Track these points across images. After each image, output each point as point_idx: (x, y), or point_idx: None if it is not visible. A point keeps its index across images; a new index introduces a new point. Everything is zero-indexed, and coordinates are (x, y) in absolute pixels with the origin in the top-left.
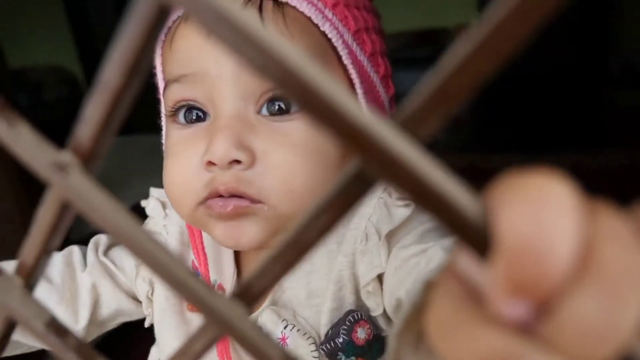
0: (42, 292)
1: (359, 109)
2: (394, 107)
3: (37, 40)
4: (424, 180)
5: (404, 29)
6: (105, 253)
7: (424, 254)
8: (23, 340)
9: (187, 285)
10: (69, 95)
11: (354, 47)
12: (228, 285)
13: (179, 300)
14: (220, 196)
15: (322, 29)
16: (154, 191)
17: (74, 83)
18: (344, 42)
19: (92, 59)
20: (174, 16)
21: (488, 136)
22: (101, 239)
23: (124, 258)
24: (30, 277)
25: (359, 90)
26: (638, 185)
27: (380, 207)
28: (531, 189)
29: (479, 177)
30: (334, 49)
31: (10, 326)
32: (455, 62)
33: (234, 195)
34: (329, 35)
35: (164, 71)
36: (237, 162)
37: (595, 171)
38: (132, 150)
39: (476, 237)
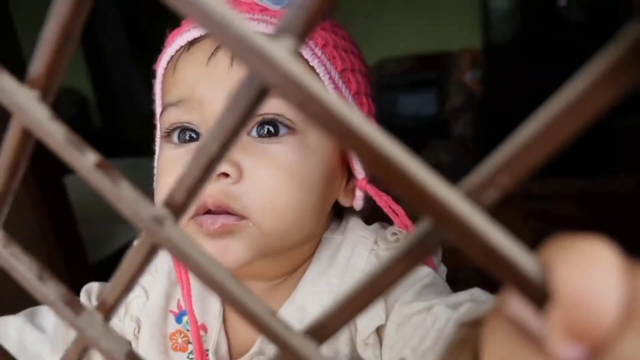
0: (34, 341)
1: (430, 176)
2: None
3: None
4: (489, 242)
5: (409, 52)
6: (99, 297)
7: (429, 311)
8: None
9: (268, 325)
10: (80, 115)
11: (340, 84)
12: (213, 325)
13: (163, 339)
14: (209, 212)
15: (311, 64)
16: None
17: (85, 104)
18: (330, 78)
19: (102, 82)
20: (176, 46)
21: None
22: (93, 287)
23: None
24: (109, 313)
25: None
26: None
27: (372, 260)
28: (583, 252)
29: None
30: (322, 84)
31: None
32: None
33: (221, 213)
34: (317, 71)
35: (162, 97)
36: (226, 175)
37: (605, 197)
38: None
39: (534, 291)
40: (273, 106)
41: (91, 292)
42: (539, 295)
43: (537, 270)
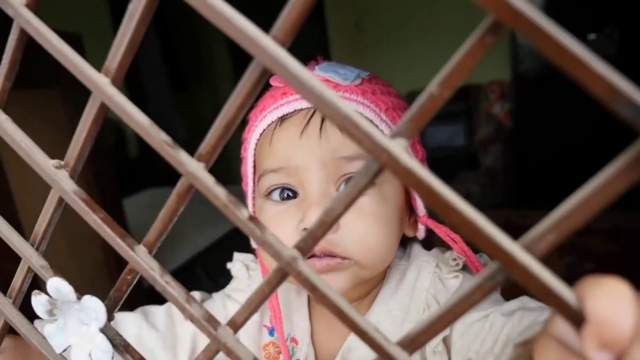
0: (150, 338)
1: (498, 232)
2: (425, 165)
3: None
4: (542, 281)
5: None
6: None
7: (486, 319)
8: None
9: (374, 337)
10: (118, 144)
11: (411, 154)
12: (304, 338)
13: (257, 349)
14: (313, 256)
15: (380, 128)
16: (237, 255)
17: (123, 134)
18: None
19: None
20: (268, 121)
21: (525, 192)
22: (195, 295)
23: (215, 311)
24: (238, 329)
25: None
26: None
27: (435, 280)
28: (607, 287)
29: (515, 233)
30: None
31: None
32: (567, 208)
33: (325, 255)
34: (380, 128)
35: (258, 163)
36: None
37: (633, 232)
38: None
39: (573, 316)
40: (358, 167)
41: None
42: (576, 318)
43: (575, 300)
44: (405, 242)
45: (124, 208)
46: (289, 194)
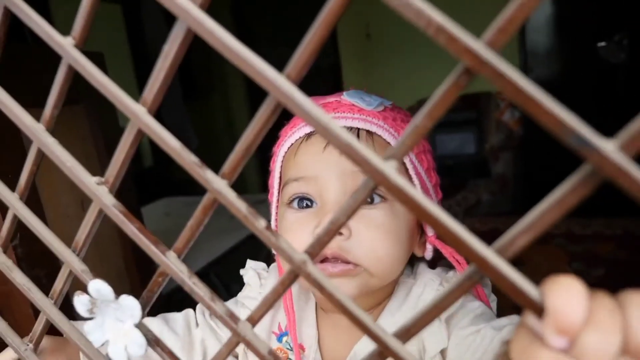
0: (170, 340)
1: (474, 239)
2: (438, 191)
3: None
4: (511, 280)
5: None
6: (211, 315)
7: (478, 333)
8: None
9: (375, 331)
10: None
11: (417, 163)
12: (311, 345)
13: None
14: (326, 260)
15: None
16: (250, 263)
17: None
18: (410, 160)
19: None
20: (296, 137)
21: (535, 200)
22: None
23: None
24: (255, 324)
25: (415, 178)
26: None
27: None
28: (563, 285)
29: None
30: (404, 163)
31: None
32: (532, 217)
33: (338, 261)
34: None
35: (284, 173)
36: (340, 234)
37: None
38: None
39: (537, 308)
40: None
41: (204, 308)
42: (539, 310)
43: (538, 296)
44: (412, 262)
45: (142, 217)
46: (307, 203)
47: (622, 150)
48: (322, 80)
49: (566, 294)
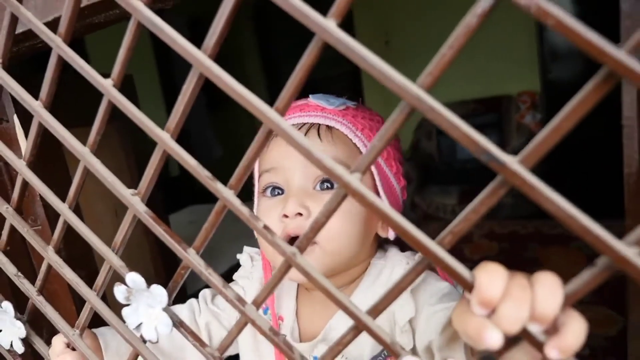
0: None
1: (421, 233)
2: (404, 193)
3: None
4: (450, 266)
5: (469, 96)
6: (212, 301)
7: (448, 310)
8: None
9: (349, 307)
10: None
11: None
12: (289, 316)
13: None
14: (291, 241)
15: (353, 141)
16: (246, 248)
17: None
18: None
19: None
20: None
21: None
22: (206, 292)
23: (224, 303)
24: (259, 307)
25: (378, 182)
26: None
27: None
28: (488, 269)
29: (544, 243)
30: (361, 153)
31: (244, 327)
32: (461, 216)
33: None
34: (358, 145)
35: (259, 163)
36: (300, 214)
37: None
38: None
39: (469, 285)
40: None
41: (206, 296)
42: (470, 287)
43: (470, 276)
44: (384, 246)
45: (170, 224)
46: (278, 191)
47: (522, 163)
48: (342, 85)
49: (489, 274)
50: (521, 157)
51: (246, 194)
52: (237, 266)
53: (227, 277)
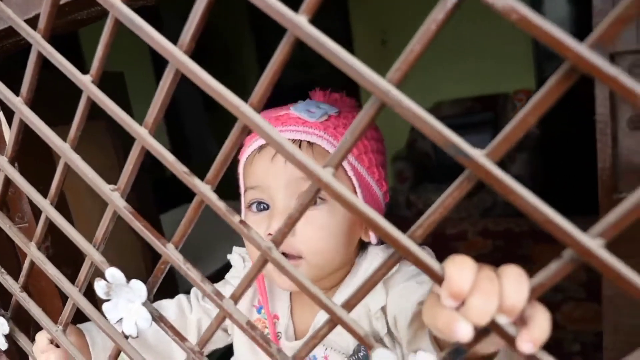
0: None
1: (394, 229)
2: (387, 197)
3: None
4: (420, 259)
5: (465, 94)
6: (203, 298)
7: (407, 286)
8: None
9: (328, 305)
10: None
11: (355, 163)
12: (284, 314)
13: None
14: None
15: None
16: (236, 249)
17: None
18: (348, 162)
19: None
20: (253, 147)
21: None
22: (198, 290)
23: None
24: (237, 300)
25: (359, 192)
26: None
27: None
28: (457, 261)
29: (538, 240)
30: (342, 166)
31: (223, 321)
32: (428, 213)
33: (286, 256)
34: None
35: (244, 181)
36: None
37: None
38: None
39: (439, 278)
40: None
41: (198, 293)
42: (440, 280)
43: (440, 269)
44: (367, 245)
45: (160, 223)
46: (264, 206)
47: (488, 156)
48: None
49: (458, 267)
50: (487, 151)
51: (236, 194)
52: (227, 266)
53: (219, 276)
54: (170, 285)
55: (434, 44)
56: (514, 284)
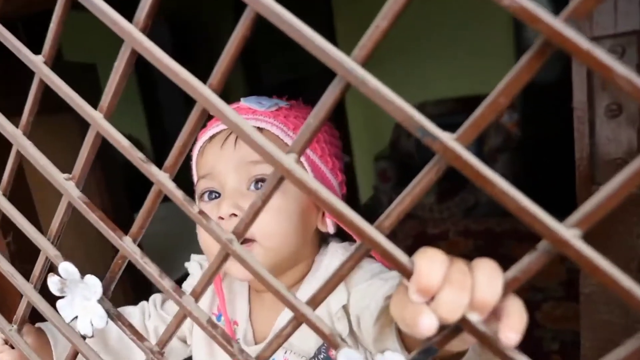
0: None
1: (360, 219)
2: (343, 188)
3: (112, 112)
4: (388, 251)
5: (447, 95)
6: (162, 306)
7: (371, 284)
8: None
9: (290, 300)
10: None
11: (307, 150)
12: (242, 318)
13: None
14: None
15: (285, 141)
16: (194, 256)
17: (141, 149)
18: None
19: (158, 130)
20: (205, 138)
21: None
22: (157, 297)
23: (173, 308)
24: (198, 298)
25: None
26: None
27: (340, 263)
28: (428, 254)
29: (520, 240)
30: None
31: (184, 320)
32: (394, 204)
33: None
34: (289, 144)
35: (197, 171)
36: (235, 215)
37: None
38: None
39: (407, 272)
40: (265, 170)
41: (156, 301)
42: (409, 274)
43: (409, 262)
44: (328, 239)
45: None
46: (215, 195)
47: (459, 140)
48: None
49: (428, 260)
50: (457, 135)
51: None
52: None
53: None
54: (145, 283)
55: (416, 43)
56: (487, 278)
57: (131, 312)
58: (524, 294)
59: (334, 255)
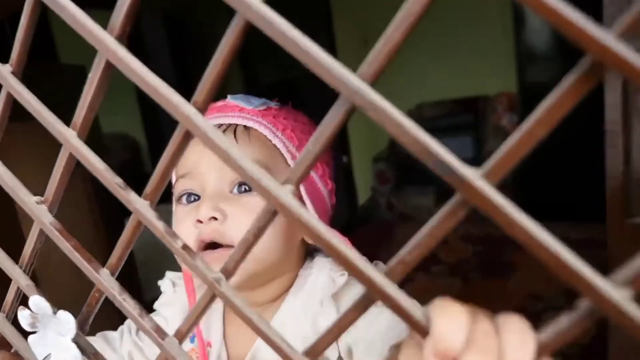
0: (112, 358)
1: (364, 261)
2: (333, 197)
3: (107, 111)
4: (398, 303)
5: (446, 97)
6: (137, 333)
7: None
8: None
9: (277, 343)
10: (133, 159)
11: (297, 154)
12: (216, 340)
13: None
14: (208, 248)
15: (273, 142)
16: (169, 274)
17: (138, 149)
18: (288, 151)
19: (154, 129)
20: None
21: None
22: (131, 322)
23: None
24: (182, 339)
25: (302, 188)
26: None
27: (329, 280)
28: (448, 311)
29: (519, 246)
30: (282, 155)
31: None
32: (407, 247)
33: (215, 246)
34: (278, 146)
35: (175, 169)
36: (215, 219)
37: None
38: None
39: (423, 330)
40: None
41: (131, 327)
42: (424, 331)
43: (424, 318)
44: (313, 253)
45: (124, 223)
46: (194, 197)
47: (486, 177)
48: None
49: (449, 320)
50: (485, 170)
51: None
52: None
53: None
54: (136, 293)
55: (414, 47)
56: (517, 342)
57: (113, 338)
58: (522, 302)
59: (322, 270)
